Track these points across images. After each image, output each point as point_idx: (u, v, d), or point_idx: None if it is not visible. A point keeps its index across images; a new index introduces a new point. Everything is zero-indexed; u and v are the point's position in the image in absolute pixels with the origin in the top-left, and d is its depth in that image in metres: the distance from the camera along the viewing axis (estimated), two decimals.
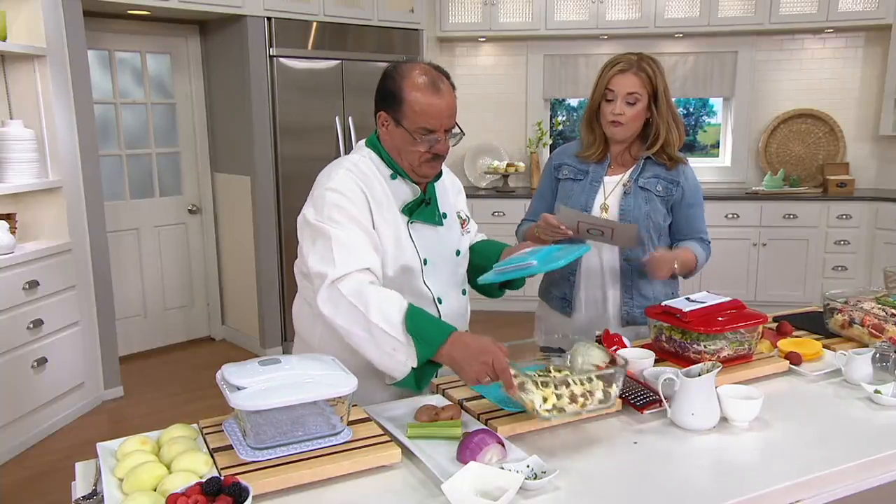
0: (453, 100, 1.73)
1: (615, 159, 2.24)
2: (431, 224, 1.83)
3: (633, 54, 2.15)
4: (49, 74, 3.52)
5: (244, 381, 1.38)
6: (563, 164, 2.30)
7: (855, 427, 1.57)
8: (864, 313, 1.95)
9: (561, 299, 2.28)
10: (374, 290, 1.61)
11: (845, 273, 5.27)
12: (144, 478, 1.24)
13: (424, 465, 1.37)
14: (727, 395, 1.56)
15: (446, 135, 1.73)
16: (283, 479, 1.29)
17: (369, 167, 1.78)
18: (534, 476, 1.32)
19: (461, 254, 1.91)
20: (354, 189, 1.71)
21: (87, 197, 3.80)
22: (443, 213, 1.86)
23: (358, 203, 1.70)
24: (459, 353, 1.53)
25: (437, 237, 1.84)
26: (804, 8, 5.23)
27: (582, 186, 2.24)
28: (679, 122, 2.19)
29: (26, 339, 3.39)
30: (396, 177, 1.80)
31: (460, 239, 1.92)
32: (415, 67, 1.71)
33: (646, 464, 1.41)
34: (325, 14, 4.63)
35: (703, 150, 6.32)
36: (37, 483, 3.12)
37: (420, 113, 1.68)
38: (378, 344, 1.58)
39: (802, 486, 1.36)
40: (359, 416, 1.52)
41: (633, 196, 2.18)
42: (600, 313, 2.25)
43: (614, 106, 2.12)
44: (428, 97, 1.68)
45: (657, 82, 2.13)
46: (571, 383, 1.45)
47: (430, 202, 1.83)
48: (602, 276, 2.23)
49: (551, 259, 1.69)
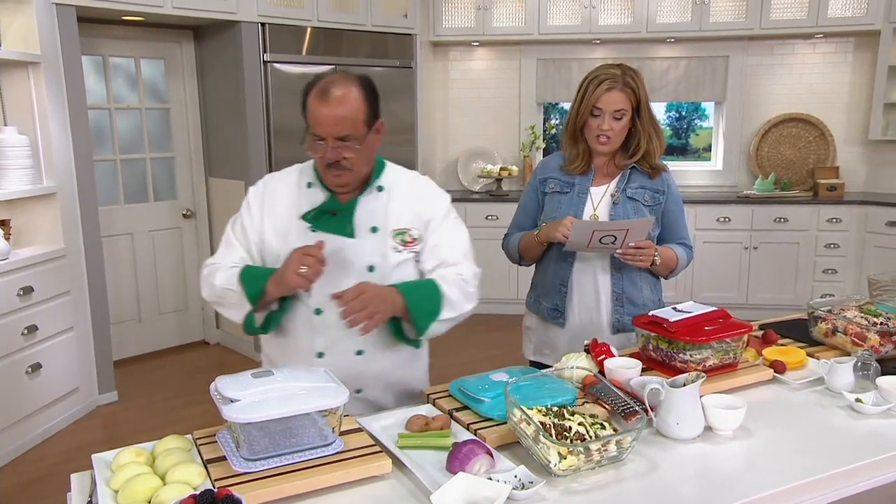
0: (347, 107, 1.70)
1: (599, 170, 2.28)
2: (339, 235, 1.80)
3: (615, 67, 2.17)
4: (43, 81, 3.53)
5: (237, 393, 1.41)
6: (549, 178, 2.32)
7: (836, 435, 1.60)
8: (847, 322, 1.98)
9: (553, 310, 2.31)
10: (224, 267, 1.82)
11: (835, 276, 5.31)
12: (139, 489, 1.26)
13: (414, 475, 1.39)
14: (711, 404, 1.59)
15: (338, 142, 1.72)
16: (276, 490, 1.32)
17: (292, 176, 1.90)
18: (521, 486, 1.34)
19: (375, 269, 1.81)
20: (252, 198, 1.90)
21: (82, 202, 3.81)
22: (373, 227, 1.82)
23: (252, 210, 1.88)
24: (277, 275, 1.70)
25: (342, 249, 1.79)
26: (794, 13, 5.28)
27: (570, 199, 2.26)
28: (659, 131, 2.23)
29: (21, 345, 3.40)
30: (312, 185, 1.86)
31: (387, 256, 1.82)
32: (327, 76, 1.76)
33: (632, 472, 1.44)
34: (318, 19, 4.66)
35: (694, 154, 6.36)
36: (32, 488, 3.14)
37: (311, 122, 1.74)
38: (224, 300, 1.81)
39: (786, 494, 1.39)
40: (350, 427, 1.55)
41: (622, 205, 2.22)
42: (593, 322, 2.28)
43: (602, 122, 2.15)
44: (315, 104, 1.72)
45: (640, 94, 2.17)
46: (587, 437, 1.41)
47: (339, 213, 1.82)
48: (595, 286, 2.26)
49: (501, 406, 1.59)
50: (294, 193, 1.87)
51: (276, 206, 1.86)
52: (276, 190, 1.89)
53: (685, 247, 2.32)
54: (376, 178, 1.87)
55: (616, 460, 1.45)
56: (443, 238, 1.89)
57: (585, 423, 1.46)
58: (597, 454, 1.42)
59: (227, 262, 1.84)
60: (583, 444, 1.40)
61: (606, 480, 1.41)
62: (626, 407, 1.53)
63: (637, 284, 2.26)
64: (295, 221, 1.84)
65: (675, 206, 2.29)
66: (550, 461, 1.39)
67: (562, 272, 2.28)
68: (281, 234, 1.84)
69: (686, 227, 2.35)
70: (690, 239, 2.35)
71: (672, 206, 2.28)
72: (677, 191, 2.31)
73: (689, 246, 2.34)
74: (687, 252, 2.32)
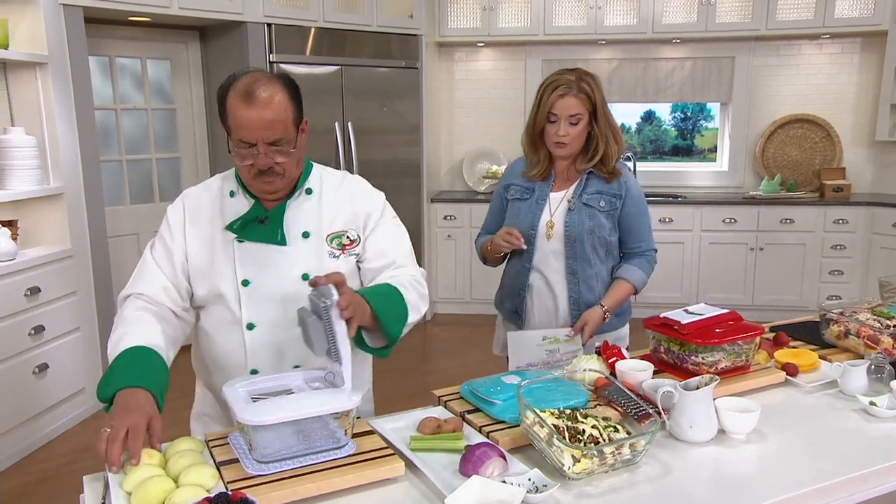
0: (275, 109, 1.58)
1: (560, 175, 2.30)
2: (268, 243, 1.70)
3: (570, 72, 2.18)
4: (51, 81, 3.54)
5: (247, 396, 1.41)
6: (511, 185, 2.37)
7: (850, 439, 1.59)
8: (860, 324, 1.97)
9: (513, 312, 2.38)
10: (131, 318, 1.61)
11: (842, 277, 5.30)
12: (152, 492, 1.26)
13: (427, 477, 1.39)
14: (725, 407, 1.58)
15: (271, 147, 1.60)
16: (290, 493, 1.31)
17: (214, 186, 1.79)
18: (535, 489, 1.34)
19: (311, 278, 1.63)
20: (174, 213, 1.77)
21: (88, 203, 3.82)
22: (304, 233, 1.73)
23: (173, 227, 1.75)
24: (116, 402, 1.42)
25: (274, 258, 1.70)
26: (801, 14, 5.26)
27: (528, 205, 2.30)
28: (617, 134, 2.24)
29: (28, 345, 3.40)
30: (235, 194, 1.75)
31: (322, 262, 1.73)
32: (243, 75, 1.61)
33: (645, 475, 1.43)
34: (324, 20, 4.66)
35: (700, 155, 6.34)
36: (39, 488, 3.14)
37: (235, 127, 1.59)
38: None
39: (799, 498, 1.38)
40: (362, 429, 1.54)
41: (577, 212, 2.24)
42: (551, 325, 2.32)
43: (558, 127, 2.17)
44: (239, 107, 1.57)
45: (596, 99, 2.17)
46: (601, 440, 1.41)
47: (267, 220, 1.71)
48: (551, 291, 2.31)
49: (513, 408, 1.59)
50: (217, 204, 1.75)
51: (200, 220, 1.74)
52: (199, 202, 1.76)
53: (644, 256, 2.30)
54: (304, 180, 1.76)
55: (630, 463, 1.45)
56: (386, 237, 1.80)
57: (599, 425, 1.45)
58: (611, 457, 1.41)
59: (149, 293, 1.68)
60: (597, 447, 1.39)
61: (620, 484, 1.41)
62: (640, 410, 1.52)
63: (595, 289, 2.28)
64: (219, 233, 1.72)
65: (636, 208, 2.28)
66: (564, 464, 1.38)
67: (521, 277, 2.33)
68: (206, 248, 1.72)
69: (649, 230, 2.33)
70: (652, 241, 2.33)
71: (632, 208, 2.27)
72: (638, 193, 2.29)
73: (650, 251, 2.32)
74: (645, 265, 2.30)
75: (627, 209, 2.26)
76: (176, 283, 1.72)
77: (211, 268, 1.71)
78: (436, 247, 5.63)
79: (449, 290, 5.70)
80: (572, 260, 2.26)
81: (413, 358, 4.78)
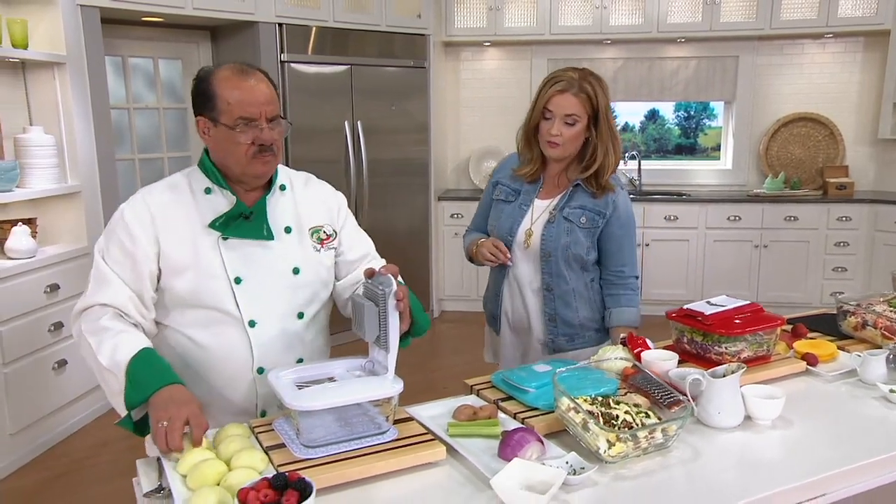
0: (269, 88, 1.64)
1: (550, 180, 2.18)
2: (255, 239, 1.69)
3: (575, 70, 2.05)
4: (68, 81, 3.58)
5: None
6: (499, 183, 2.26)
7: (871, 425, 1.64)
8: (877, 316, 2.03)
9: (492, 317, 2.32)
10: (112, 328, 1.57)
11: (845, 274, 5.36)
12: (208, 473, 1.30)
13: (467, 461, 1.43)
14: (751, 394, 1.63)
15: (269, 124, 1.63)
16: (337, 476, 1.36)
17: (182, 184, 1.72)
18: (573, 472, 1.39)
19: (300, 272, 1.74)
20: (135, 218, 1.65)
21: (105, 201, 3.85)
22: (286, 227, 1.74)
23: (135, 231, 1.63)
24: (160, 399, 1.44)
25: (261, 253, 1.70)
26: (804, 13, 5.32)
27: (511, 209, 2.19)
28: (617, 146, 2.11)
29: (48, 341, 3.44)
30: (212, 191, 1.70)
31: (308, 256, 1.76)
32: (222, 65, 1.66)
33: (677, 459, 1.49)
34: (334, 20, 4.70)
35: (703, 153, 6.40)
36: (59, 483, 3.18)
37: (235, 103, 1.59)
38: (106, 382, 1.56)
39: (824, 482, 1.43)
40: (401, 417, 1.59)
41: (556, 225, 2.12)
42: (523, 340, 2.26)
43: (552, 126, 2.04)
44: (238, 84, 1.60)
45: (598, 102, 2.03)
46: (634, 425, 1.45)
47: (252, 216, 1.68)
48: (524, 305, 2.21)
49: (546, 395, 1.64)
50: (190, 203, 1.69)
51: (172, 221, 1.66)
52: (164, 205, 1.68)
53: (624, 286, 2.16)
54: (275, 177, 1.76)
55: (662, 447, 1.50)
56: (356, 231, 1.89)
57: (631, 411, 1.50)
58: (644, 441, 1.46)
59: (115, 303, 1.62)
60: (630, 431, 1.44)
61: (654, 467, 1.46)
62: (670, 396, 1.57)
63: (572, 305, 2.17)
64: (201, 232, 1.67)
65: (621, 230, 2.13)
66: (600, 448, 1.43)
67: (498, 284, 2.27)
68: (189, 250, 1.66)
69: (632, 254, 2.17)
70: (635, 268, 2.18)
71: (616, 230, 2.13)
72: (628, 214, 2.15)
73: (629, 280, 2.16)
74: (632, 300, 2.16)
75: (612, 229, 2.12)
76: (139, 292, 1.65)
77: (196, 268, 1.66)
78: (443, 244, 5.68)
79: (456, 288, 5.75)
80: (547, 275, 2.14)
81: (420, 354, 4.83)
